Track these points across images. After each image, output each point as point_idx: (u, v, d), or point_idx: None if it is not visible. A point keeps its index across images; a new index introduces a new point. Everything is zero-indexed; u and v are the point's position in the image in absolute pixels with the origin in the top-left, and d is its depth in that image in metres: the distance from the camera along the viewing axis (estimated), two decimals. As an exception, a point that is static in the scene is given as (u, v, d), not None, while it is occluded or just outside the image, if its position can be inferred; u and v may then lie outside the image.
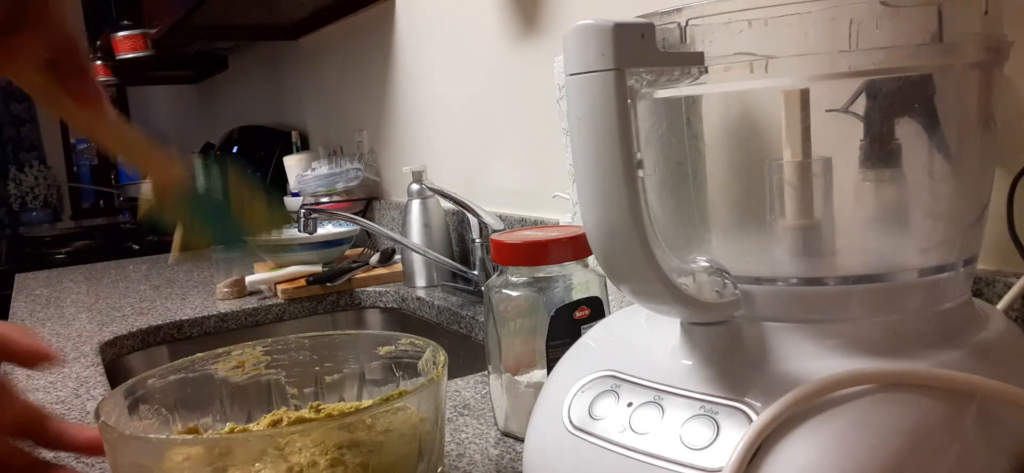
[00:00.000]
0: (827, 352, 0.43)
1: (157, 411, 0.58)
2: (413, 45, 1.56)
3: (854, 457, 0.37)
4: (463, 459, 0.64)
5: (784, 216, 0.45)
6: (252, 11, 1.87)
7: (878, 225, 0.46)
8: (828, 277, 0.45)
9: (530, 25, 1.17)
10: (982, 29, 0.44)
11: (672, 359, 0.46)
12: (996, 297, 0.60)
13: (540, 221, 1.17)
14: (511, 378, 0.66)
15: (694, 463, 0.40)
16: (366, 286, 1.39)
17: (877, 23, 0.41)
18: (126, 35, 2.63)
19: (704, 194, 0.48)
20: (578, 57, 0.39)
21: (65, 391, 0.91)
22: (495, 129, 1.32)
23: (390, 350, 0.63)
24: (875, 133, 0.44)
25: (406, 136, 1.65)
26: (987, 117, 0.46)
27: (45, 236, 2.92)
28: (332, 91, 2.03)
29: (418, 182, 1.33)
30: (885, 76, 0.42)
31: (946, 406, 0.40)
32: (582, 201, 0.41)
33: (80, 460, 0.70)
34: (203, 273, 1.69)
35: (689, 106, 0.47)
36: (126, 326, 1.24)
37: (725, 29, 0.42)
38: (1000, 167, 0.59)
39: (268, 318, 1.32)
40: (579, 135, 0.40)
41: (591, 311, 0.64)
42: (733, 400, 0.41)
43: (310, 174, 1.75)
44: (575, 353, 0.54)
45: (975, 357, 0.43)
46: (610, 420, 0.45)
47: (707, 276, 0.44)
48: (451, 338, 1.18)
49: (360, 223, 1.32)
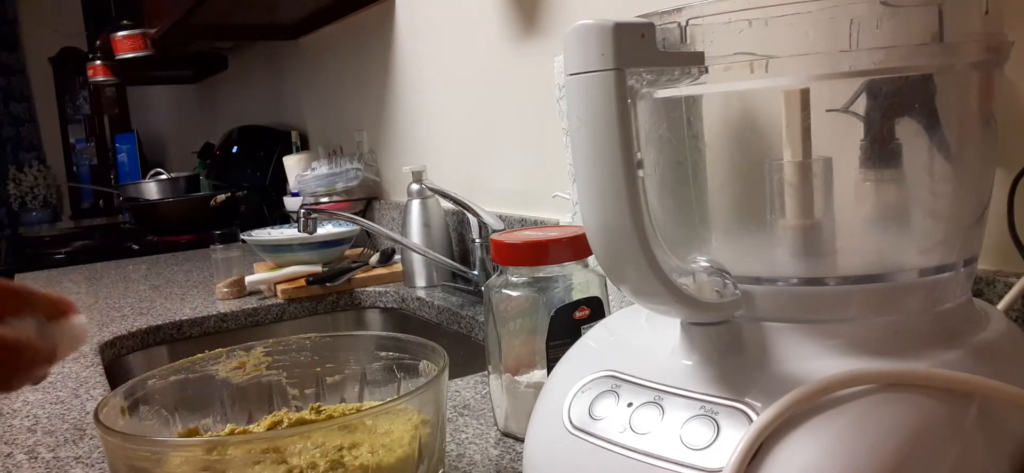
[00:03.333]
0: (827, 352, 0.43)
1: (157, 412, 0.58)
2: (413, 45, 1.56)
3: (854, 457, 0.37)
4: (463, 459, 0.64)
5: (784, 216, 0.45)
6: (252, 11, 1.87)
7: (878, 225, 0.46)
8: (828, 277, 0.45)
9: (530, 25, 1.17)
10: (982, 29, 0.44)
11: (672, 359, 0.46)
12: (996, 297, 0.60)
13: (540, 221, 1.17)
14: (511, 378, 0.66)
15: (694, 463, 0.40)
16: (366, 286, 1.39)
17: (877, 23, 0.41)
18: (126, 35, 2.62)
19: (704, 194, 0.48)
20: (578, 57, 0.39)
21: (65, 391, 0.91)
22: (495, 129, 1.32)
23: (391, 352, 0.63)
24: (875, 133, 0.44)
25: (406, 136, 1.65)
26: (987, 117, 0.46)
27: (45, 236, 2.92)
28: (332, 91, 2.03)
29: (418, 182, 1.33)
30: (885, 76, 0.42)
31: (946, 406, 0.40)
32: (582, 201, 0.41)
33: (80, 462, 0.70)
34: (203, 273, 1.69)
35: (689, 106, 0.47)
36: (126, 326, 1.23)
37: (725, 29, 0.42)
38: (1000, 167, 0.59)
39: (268, 318, 1.32)
40: (579, 135, 0.40)
41: (591, 311, 0.64)
42: (733, 400, 0.41)
43: (310, 174, 1.75)
44: (575, 353, 0.54)
45: (975, 357, 0.43)
46: (610, 420, 0.45)
47: (707, 276, 0.44)
48: (451, 338, 1.18)
49: (360, 223, 1.32)
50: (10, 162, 5.08)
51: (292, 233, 1.47)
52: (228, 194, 2.23)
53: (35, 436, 0.77)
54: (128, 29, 2.63)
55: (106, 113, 4.89)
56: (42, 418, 0.82)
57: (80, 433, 0.77)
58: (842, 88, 0.43)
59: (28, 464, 0.70)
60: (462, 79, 1.40)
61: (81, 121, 5.29)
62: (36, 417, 0.83)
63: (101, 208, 4.93)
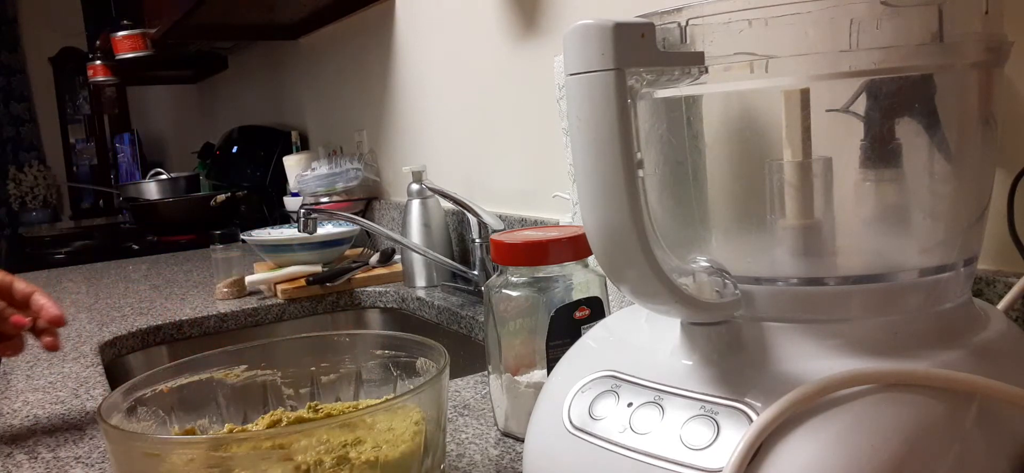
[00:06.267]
0: (827, 352, 0.43)
1: (155, 413, 0.58)
2: (413, 45, 1.56)
3: (854, 457, 0.37)
4: (463, 459, 0.64)
5: (784, 216, 0.45)
6: (252, 11, 1.87)
7: (878, 225, 0.46)
8: (828, 277, 0.45)
9: (530, 25, 1.17)
10: (982, 29, 0.44)
11: (672, 359, 0.46)
12: (996, 297, 0.60)
13: (540, 221, 1.17)
14: (511, 378, 0.66)
15: (694, 463, 0.40)
16: (366, 286, 1.39)
17: (877, 23, 0.41)
18: (126, 35, 2.63)
19: (704, 194, 0.48)
20: (578, 57, 0.39)
21: (65, 391, 0.91)
22: (495, 129, 1.32)
23: (387, 350, 0.63)
24: (875, 133, 0.44)
25: (406, 136, 1.65)
26: (987, 117, 0.46)
27: (45, 236, 2.92)
28: (332, 91, 2.03)
29: (418, 182, 1.33)
30: (885, 76, 0.42)
31: (946, 406, 0.40)
32: (582, 201, 0.41)
33: (80, 462, 0.70)
34: (203, 273, 1.69)
35: (689, 106, 0.47)
36: (126, 326, 1.23)
37: (725, 29, 0.42)
38: (1000, 167, 0.59)
39: (268, 318, 1.32)
40: (579, 135, 0.40)
41: (591, 311, 0.64)
42: (733, 400, 0.41)
43: (310, 174, 1.75)
44: (575, 353, 0.54)
45: (975, 357, 0.43)
46: (610, 420, 0.45)
47: (707, 276, 0.44)
48: (451, 338, 1.18)
49: (360, 223, 1.32)
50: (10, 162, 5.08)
51: (292, 233, 1.47)
52: (228, 194, 2.23)
53: (35, 436, 0.77)
54: (128, 29, 2.63)
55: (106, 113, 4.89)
56: (42, 418, 0.82)
57: (80, 433, 0.77)
58: (842, 88, 0.43)
59: (28, 464, 0.70)
60: (462, 79, 1.40)
61: (81, 121, 5.29)
62: (36, 417, 0.83)
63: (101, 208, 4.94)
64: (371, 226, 1.29)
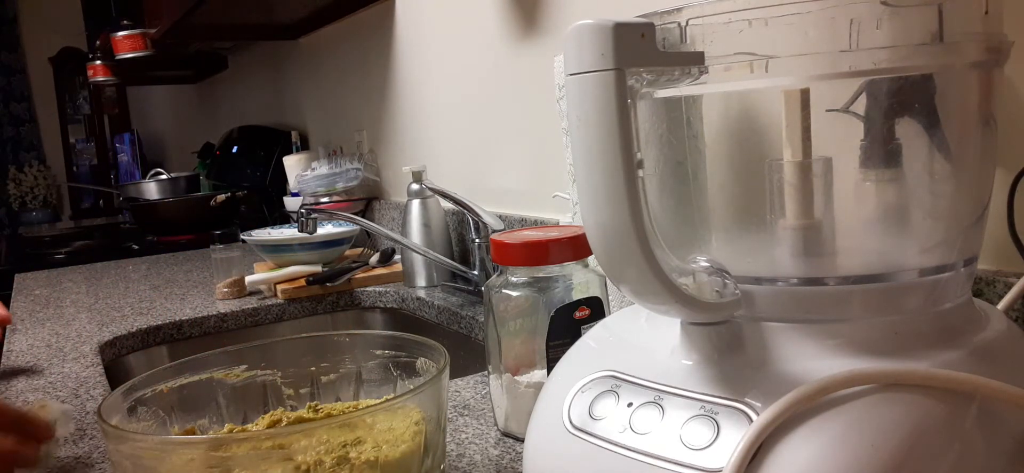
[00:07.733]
0: (827, 352, 0.43)
1: (155, 413, 0.58)
2: (413, 45, 1.56)
3: (854, 457, 0.37)
4: (463, 459, 0.64)
5: (784, 216, 0.45)
6: (252, 11, 1.87)
7: (878, 225, 0.46)
8: (828, 277, 0.45)
9: (530, 25, 1.17)
10: (982, 29, 0.44)
11: (672, 359, 0.46)
12: (996, 297, 0.60)
13: (540, 221, 1.17)
14: (511, 378, 0.66)
15: (694, 463, 0.40)
16: (366, 286, 1.39)
17: (877, 23, 0.41)
18: (126, 35, 2.63)
19: (704, 194, 0.48)
20: (578, 57, 0.39)
21: (65, 391, 0.91)
22: (495, 129, 1.32)
23: (387, 350, 0.63)
24: (875, 133, 0.44)
25: (406, 136, 1.65)
26: (987, 117, 0.46)
27: (45, 236, 2.92)
28: (332, 91, 2.03)
29: (418, 182, 1.33)
30: (885, 76, 0.42)
31: (946, 406, 0.40)
32: (582, 201, 0.41)
33: (80, 462, 0.70)
34: (203, 273, 1.69)
35: (689, 106, 0.47)
36: (126, 326, 1.23)
37: (725, 29, 0.42)
38: (1000, 167, 0.59)
39: (268, 318, 1.32)
40: (579, 135, 0.40)
41: (591, 311, 0.64)
42: (733, 400, 0.41)
43: (310, 174, 1.75)
44: (575, 353, 0.54)
45: (975, 357, 0.43)
46: (610, 420, 0.45)
47: (707, 276, 0.44)
48: (451, 338, 1.18)
49: (360, 223, 1.32)
50: (10, 162, 5.09)
51: (292, 233, 1.47)
52: (228, 194, 2.23)
53: (35, 436, 0.77)
54: (128, 29, 2.63)
55: (106, 113, 4.90)
56: (42, 418, 0.82)
57: (80, 433, 0.77)
58: (842, 88, 0.43)
59: (28, 464, 0.70)
60: (462, 79, 1.40)
61: (81, 121, 5.30)
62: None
63: (101, 208, 4.94)
64: (371, 226, 1.29)
